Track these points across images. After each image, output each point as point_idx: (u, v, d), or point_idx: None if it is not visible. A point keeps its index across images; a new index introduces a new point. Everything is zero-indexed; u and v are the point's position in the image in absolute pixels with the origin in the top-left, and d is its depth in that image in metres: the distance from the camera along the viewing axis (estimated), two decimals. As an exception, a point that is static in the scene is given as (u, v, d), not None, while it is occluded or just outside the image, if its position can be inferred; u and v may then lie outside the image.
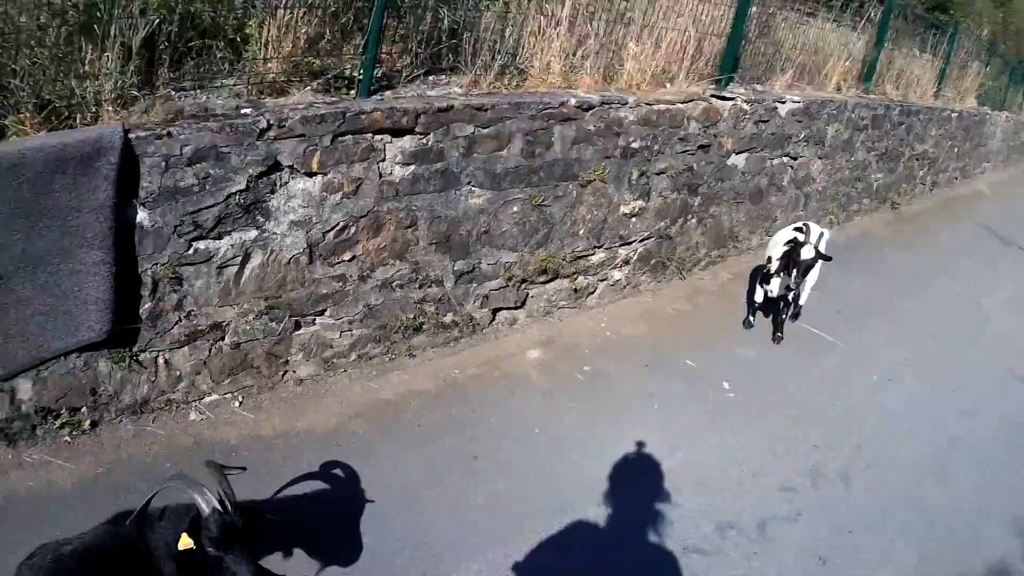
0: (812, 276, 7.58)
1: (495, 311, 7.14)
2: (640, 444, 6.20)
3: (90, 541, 3.90)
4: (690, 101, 8.43)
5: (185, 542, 3.82)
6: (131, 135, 4.95)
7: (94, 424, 5.68)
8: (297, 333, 6.24)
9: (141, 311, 5.41)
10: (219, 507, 3.75)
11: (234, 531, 3.79)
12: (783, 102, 10.12)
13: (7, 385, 5.17)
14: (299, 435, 5.98)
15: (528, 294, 7.24)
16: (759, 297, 8.14)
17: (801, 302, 8.22)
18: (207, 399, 6.10)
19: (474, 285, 6.85)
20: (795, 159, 10.83)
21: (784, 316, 8.36)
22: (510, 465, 5.76)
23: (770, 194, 10.70)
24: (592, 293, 7.96)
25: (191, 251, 5.43)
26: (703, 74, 9.01)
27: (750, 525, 5.62)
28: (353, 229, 5.90)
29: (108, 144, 4.74)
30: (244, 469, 4.50)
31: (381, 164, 5.87)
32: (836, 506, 6.02)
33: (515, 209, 6.74)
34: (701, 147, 8.83)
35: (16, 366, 5.05)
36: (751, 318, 8.49)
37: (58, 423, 5.49)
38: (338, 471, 5.62)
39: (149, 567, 3.88)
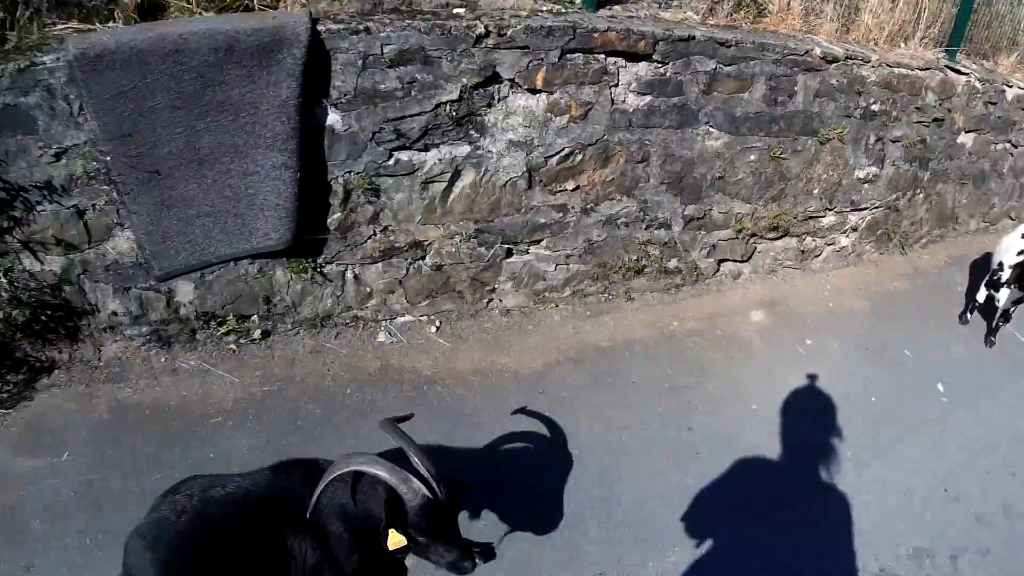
0: None
1: (720, 262, 7.11)
2: (856, 441, 5.98)
3: (247, 487, 3.82)
4: (927, 69, 8.22)
5: (396, 540, 3.65)
6: (320, 27, 4.77)
7: (265, 334, 5.69)
8: (508, 261, 6.19)
9: (329, 221, 5.40)
10: (428, 494, 3.59)
11: (445, 516, 3.71)
12: (1010, 86, 9.81)
13: (164, 286, 5.28)
14: (500, 374, 5.88)
15: (755, 248, 7.23)
16: (981, 297, 7.90)
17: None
18: (400, 320, 6.12)
19: (703, 233, 6.76)
20: (1016, 147, 10.57)
21: (1000, 322, 8.21)
22: (726, 444, 5.61)
23: (991, 179, 10.49)
24: (818, 256, 7.92)
25: (391, 161, 5.34)
26: (935, 40, 8.77)
27: (944, 555, 5.36)
28: (579, 157, 5.80)
29: (292, 35, 4.61)
30: (412, 415, 4.27)
31: (613, 90, 5.73)
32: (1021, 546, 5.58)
33: (752, 158, 6.62)
34: (935, 120, 8.62)
35: (177, 268, 5.10)
36: (968, 315, 8.22)
37: (223, 329, 5.58)
38: (541, 424, 5.45)
39: (311, 524, 3.78)
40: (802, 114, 6.67)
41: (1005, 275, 7.45)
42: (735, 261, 7.17)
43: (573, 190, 5.94)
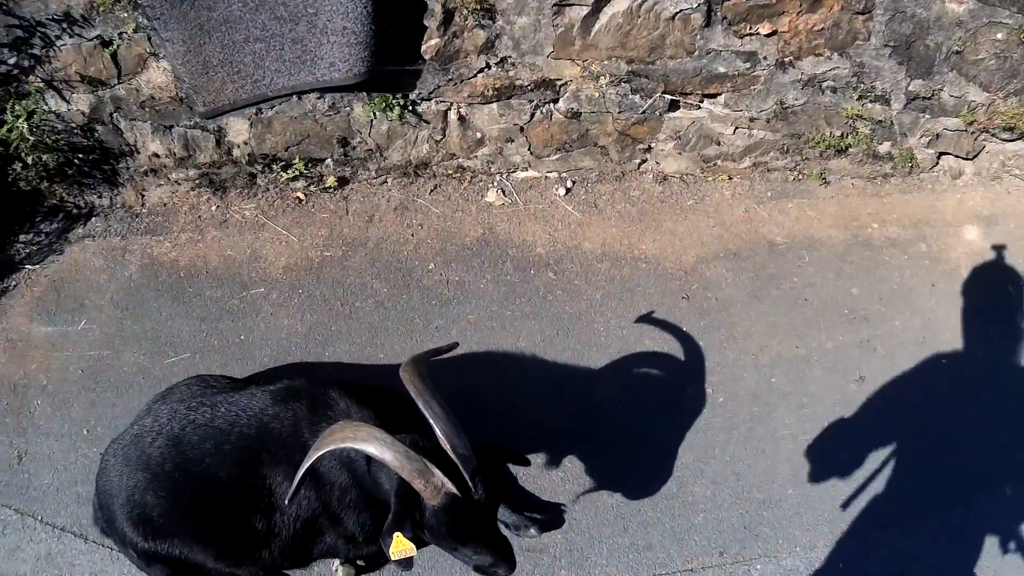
0: None
1: (940, 155, 5.69)
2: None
3: (238, 414, 3.32)
4: None
5: (401, 548, 2.74)
6: None
7: (342, 182, 4.99)
8: (671, 115, 4.99)
9: (424, 48, 4.43)
10: (454, 491, 2.69)
11: (477, 517, 2.82)
12: None
13: (212, 124, 4.70)
14: (636, 263, 4.81)
15: (984, 147, 5.70)
16: None
17: None
18: (519, 175, 5.17)
19: (926, 116, 5.33)
20: None
21: None
22: (900, 407, 4.55)
23: None
24: (1051, 168, 6.41)
25: None
26: None
27: None
28: None
29: None
30: (456, 345, 3.32)
31: (830, -92, 4.33)
32: None
33: (999, 36, 5.07)
34: None
35: (224, 102, 4.43)
36: None
37: (288, 175, 4.87)
38: (673, 343, 4.53)
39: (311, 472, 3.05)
40: (1066, -8, 5.16)
41: None
42: (958, 157, 5.70)
43: (768, 35, 4.66)
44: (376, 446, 2.65)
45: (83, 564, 3.99)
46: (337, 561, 3.85)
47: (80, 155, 4.81)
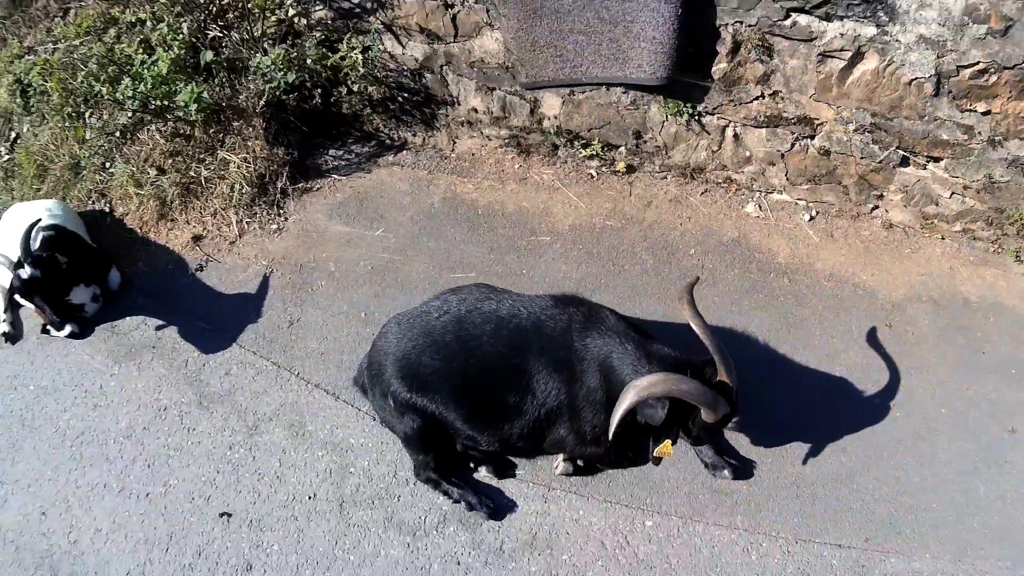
0: None
1: None
2: None
3: (518, 309, 3.75)
4: None
5: (665, 451, 3.48)
6: None
7: (630, 169, 5.54)
8: (902, 170, 5.31)
9: (713, 70, 4.95)
10: (728, 411, 3.39)
11: (725, 423, 3.53)
12: None
13: (530, 95, 5.22)
14: (855, 288, 5.24)
15: None
16: None
17: None
18: (775, 197, 5.58)
19: None
20: None
21: None
22: None
23: None
24: None
25: (788, 22, 4.69)
26: None
27: None
28: (993, 78, 4.67)
29: None
30: (698, 279, 3.95)
31: (1040, 10, 4.38)
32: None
33: None
34: None
35: (544, 79, 5.03)
36: None
37: (586, 153, 5.42)
38: (873, 361, 4.88)
39: (567, 367, 3.62)
40: None
41: None
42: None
43: (983, 113, 4.87)
44: (682, 385, 3.25)
45: (326, 416, 4.42)
46: (560, 456, 4.11)
47: (404, 95, 5.22)
